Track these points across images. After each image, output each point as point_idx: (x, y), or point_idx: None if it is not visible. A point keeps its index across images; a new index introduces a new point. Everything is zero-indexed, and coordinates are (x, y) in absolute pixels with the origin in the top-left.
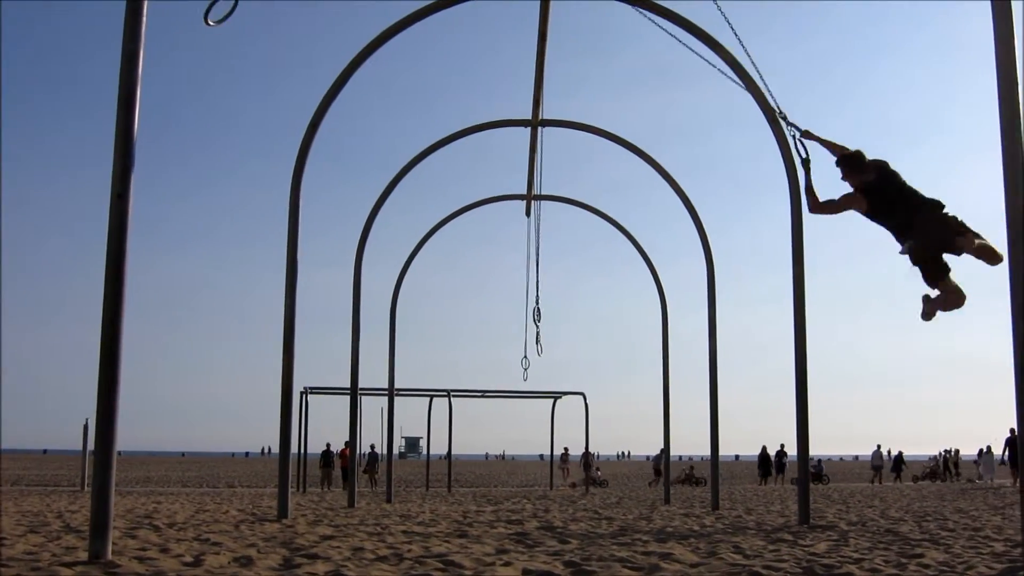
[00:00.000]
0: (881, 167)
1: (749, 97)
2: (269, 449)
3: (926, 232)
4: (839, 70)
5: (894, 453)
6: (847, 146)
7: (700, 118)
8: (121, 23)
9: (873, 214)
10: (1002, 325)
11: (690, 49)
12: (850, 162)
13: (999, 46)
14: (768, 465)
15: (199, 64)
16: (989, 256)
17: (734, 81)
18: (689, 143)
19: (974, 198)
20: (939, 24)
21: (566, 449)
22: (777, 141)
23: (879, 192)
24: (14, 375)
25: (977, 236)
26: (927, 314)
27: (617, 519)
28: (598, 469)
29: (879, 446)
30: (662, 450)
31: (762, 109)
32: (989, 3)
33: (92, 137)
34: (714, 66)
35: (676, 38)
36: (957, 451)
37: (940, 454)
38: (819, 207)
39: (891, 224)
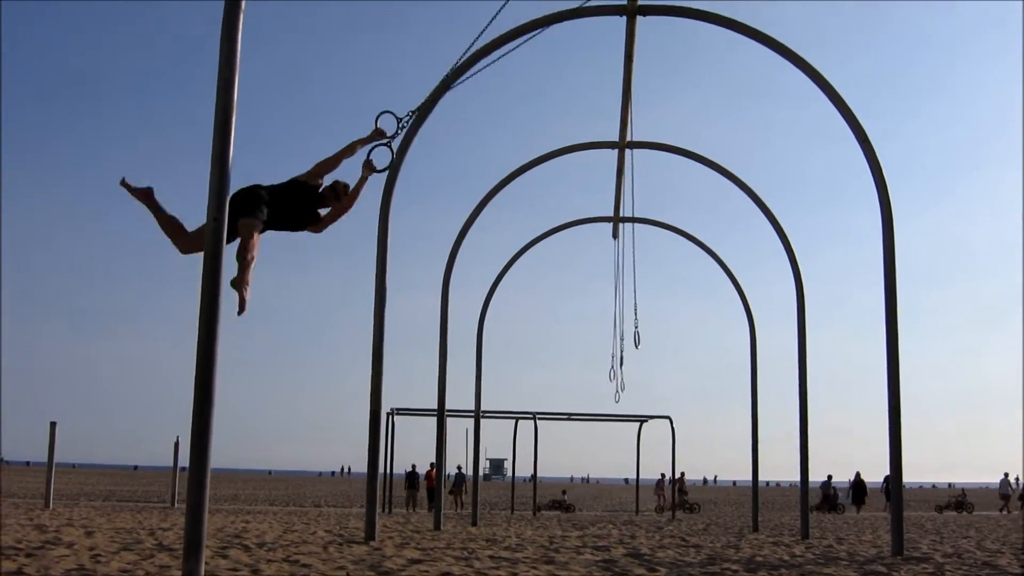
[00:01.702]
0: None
1: (838, 116)
2: (349, 469)
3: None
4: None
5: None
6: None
7: (790, 136)
8: (216, 54)
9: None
10: None
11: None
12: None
13: None
14: (863, 492)
15: (292, 90)
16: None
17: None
18: (779, 162)
19: None
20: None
21: (663, 475)
22: (868, 161)
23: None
24: (107, 393)
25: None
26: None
27: (705, 547)
28: (685, 493)
29: (1007, 474)
30: (829, 476)
31: (852, 128)
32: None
33: (187, 162)
34: None
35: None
36: None
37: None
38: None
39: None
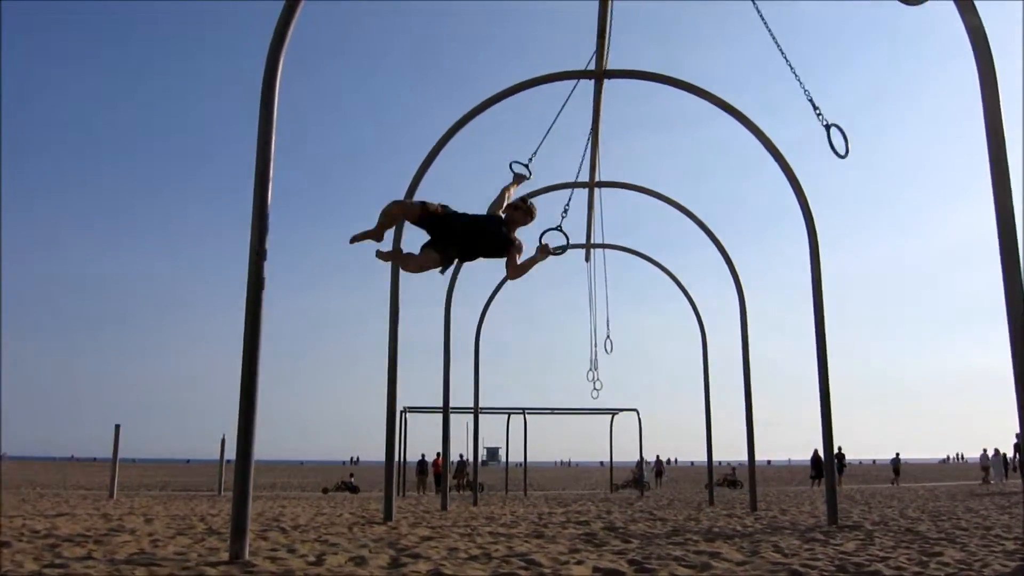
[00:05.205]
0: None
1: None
2: (358, 459)
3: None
4: None
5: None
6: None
7: (729, 173)
8: (256, 114)
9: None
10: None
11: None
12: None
13: None
14: (819, 467)
15: (323, 148)
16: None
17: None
18: (719, 193)
19: None
20: None
21: (657, 457)
22: (796, 195)
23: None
24: (165, 397)
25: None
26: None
27: (670, 520)
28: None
29: (985, 449)
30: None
31: (781, 167)
32: None
33: (236, 206)
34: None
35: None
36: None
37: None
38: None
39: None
